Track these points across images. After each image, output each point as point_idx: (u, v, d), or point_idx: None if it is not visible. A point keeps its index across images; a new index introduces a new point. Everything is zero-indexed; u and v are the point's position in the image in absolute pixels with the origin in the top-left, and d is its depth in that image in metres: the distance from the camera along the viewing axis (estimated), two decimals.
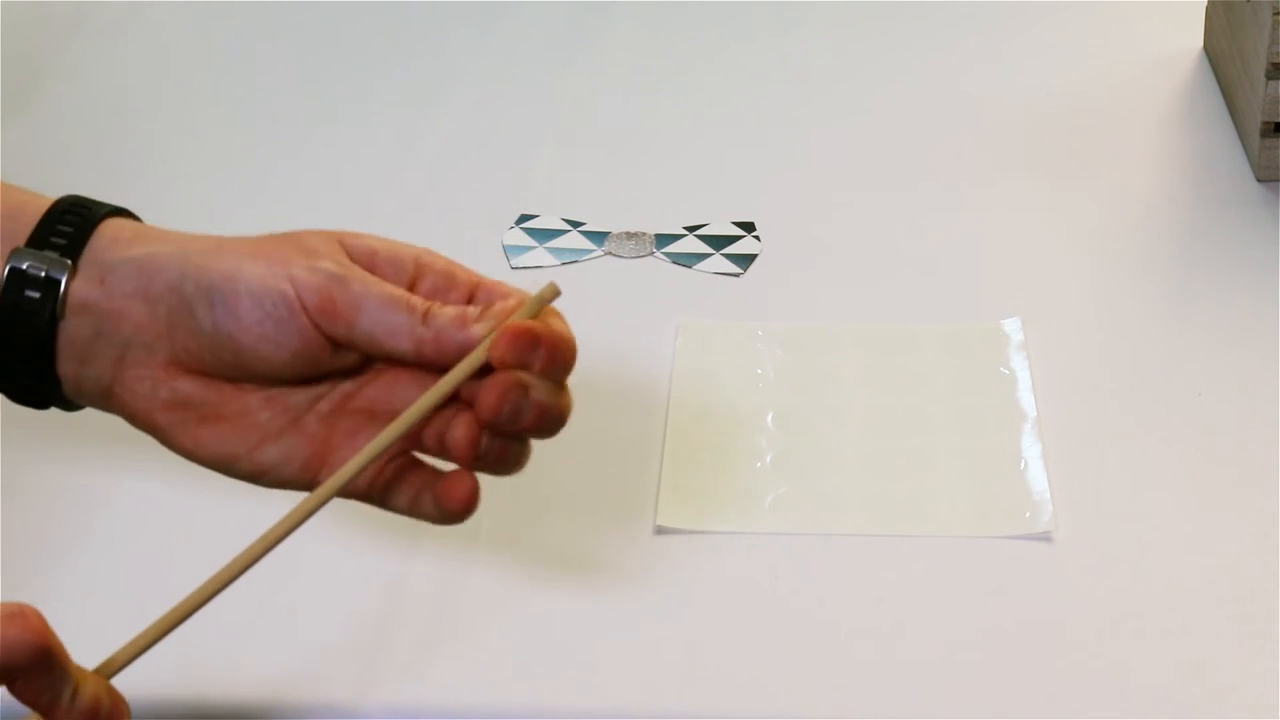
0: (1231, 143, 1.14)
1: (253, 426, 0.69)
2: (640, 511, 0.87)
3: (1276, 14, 1.05)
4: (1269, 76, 1.07)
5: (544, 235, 1.07)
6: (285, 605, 0.83)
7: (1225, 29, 1.18)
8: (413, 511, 0.69)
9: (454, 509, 0.68)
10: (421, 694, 0.78)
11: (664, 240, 1.07)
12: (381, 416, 0.68)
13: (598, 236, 1.08)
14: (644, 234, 1.08)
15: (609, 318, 1.00)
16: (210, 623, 0.82)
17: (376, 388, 0.70)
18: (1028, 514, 0.86)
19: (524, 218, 1.09)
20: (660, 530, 0.86)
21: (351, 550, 0.86)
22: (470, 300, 0.68)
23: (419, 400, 0.66)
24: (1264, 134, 1.09)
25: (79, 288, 0.68)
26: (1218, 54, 1.21)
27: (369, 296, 0.66)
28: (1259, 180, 1.10)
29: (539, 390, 0.66)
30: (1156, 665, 0.78)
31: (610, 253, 1.06)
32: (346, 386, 0.70)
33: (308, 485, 0.69)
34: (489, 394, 0.65)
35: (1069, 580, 0.83)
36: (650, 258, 1.06)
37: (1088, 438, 0.91)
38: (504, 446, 0.67)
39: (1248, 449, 0.89)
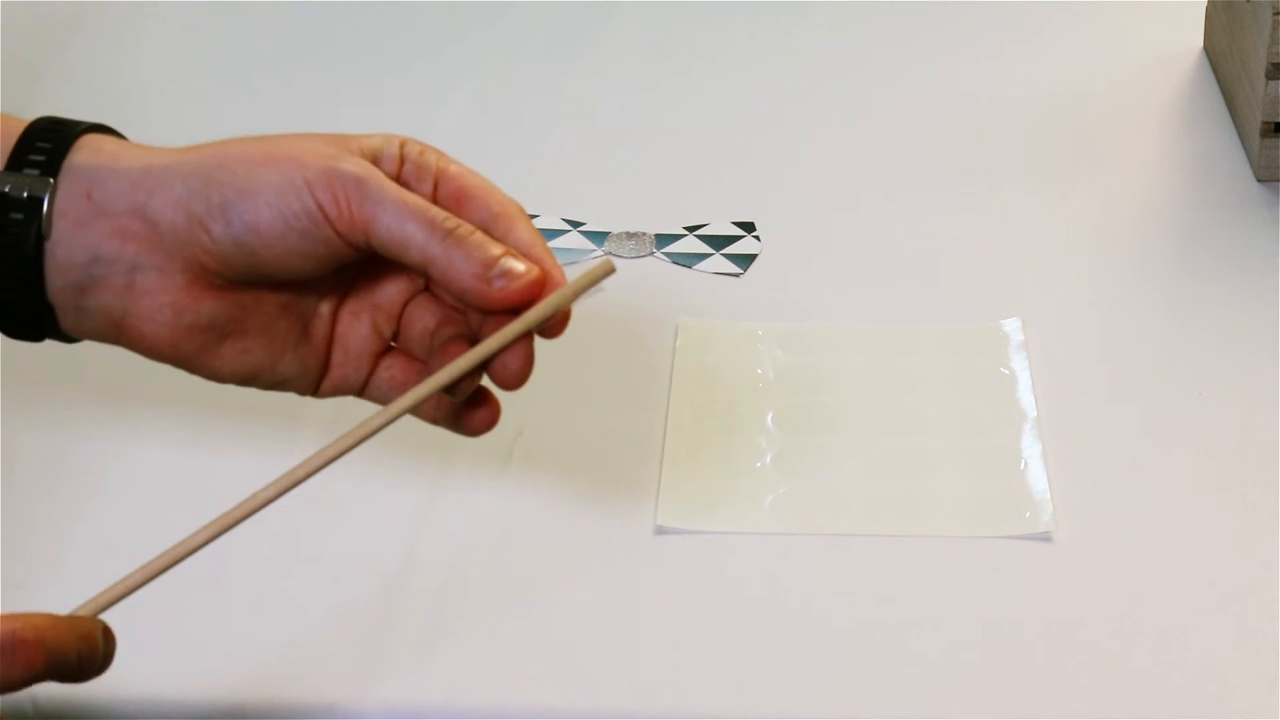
0: (1231, 143, 1.14)
1: (275, 338, 0.68)
2: (640, 511, 0.87)
3: (1276, 14, 1.05)
4: (1269, 76, 1.07)
5: (544, 235, 1.07)
6: (285, 605, 0.83)
7: (1225, 29, 1.18)
8: (434, 422, 0.70)
9: (477, 429, 0.69)
10: (421, 694, 0.78)
11: (664, 240, 1.07)
12: (363, 314, 0.69)
13: (598, 236, 1.08)
14: (644, 234, 1.08)
15: (609, 318, 1.00)
16: (211, 622, 0.82)
17: (363, 283, 0.70)
18: (1028, 514, 0.86)
19: None
20: (660, 530, 0.86)
21: (351, 549, 0.86)
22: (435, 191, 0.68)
23: (457, 360, 0.66)
24: (1264, 134, 1.09)
25: (63, 204, 0.65)
26: (1218, 54, 1.21)
27: (386, 202, 0.65)
28: (1259, 180, 1.10)
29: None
30: (1156, 665, 0.78)
31: (610, 253, 1.06)
32: (341, 286, 0.70)
33: (315, 390, 0.70)
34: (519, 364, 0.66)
35: (1069, 580, 0.83)
36: (650, 258, 1.06)
37: (1088, 438, 0.91)
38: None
39: (1248, 449, 0.89)
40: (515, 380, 0.66)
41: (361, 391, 0.70)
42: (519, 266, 0.65)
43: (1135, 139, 1.17)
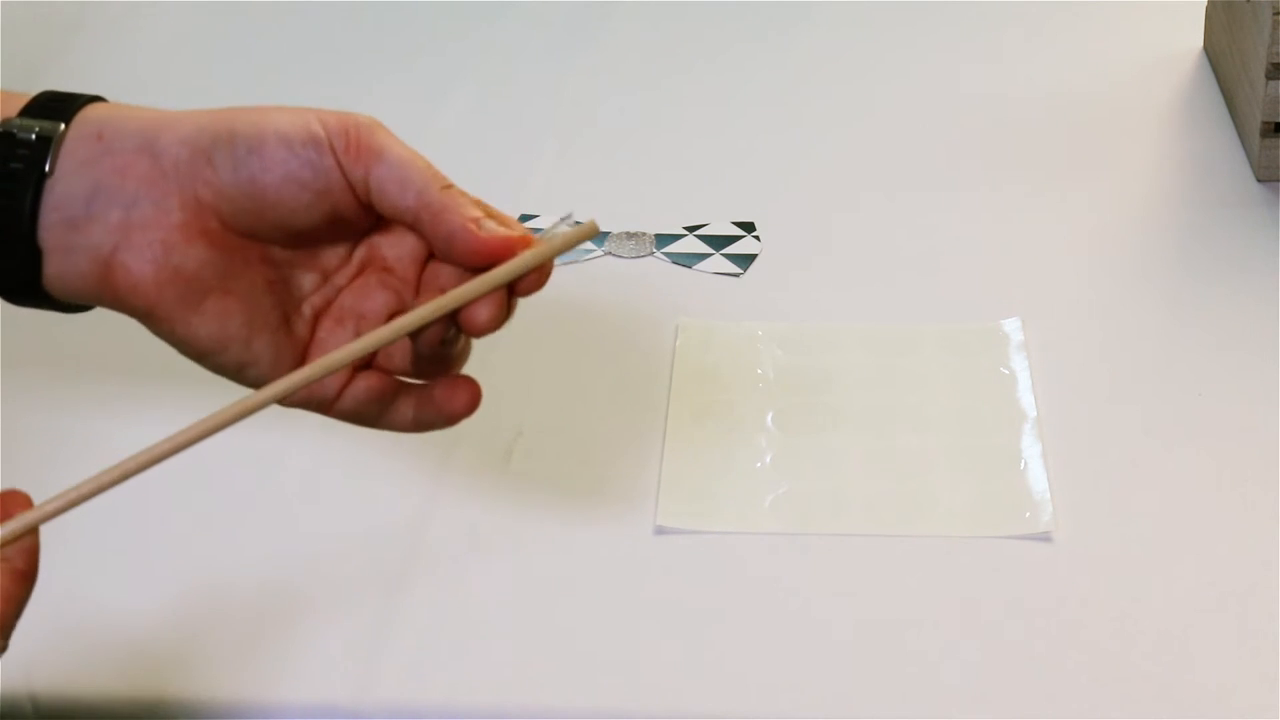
0: (1231, 143, 1.14)
1: (256, 311, 0.67)
2: (640, 511, 0.87)
3: (1276, 14, 1.05)
4: (1269, 76, 1.07)
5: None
6: (285, 604, 0.83)
7: (1225, 29, 1.18)
8: (419, 425, 0.69)
9: (458, 412, 0.68)
10: (421, 694, 0.78)
11: (664, 240, 1.07)
12: (348, 321, 0.68)
13: (598, 236, 1.08)
14: (644, 234, 1.08)
15: (609, 318, 1.00)
16: (210, 622, 0.82)
17: (351, 291, 0.69)
18: (1028, 514, 0.86)
19: (524, 218, 1.09)
20: (660, 530, 0.86)
21: (350, 548, 0.86)
22: None
23: (429, 303, 0.65)
24: (1264, 134, 1.09)
25: (73, 144, 0.66)
26: (1218, 54, 1.21)
27: (392, 147, 0.66)
28: (1259, 180, 1.10)
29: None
30: (1156, 665, 0.78)
31: (610, 253, 1.06)
32: (327, 290, 0.69)
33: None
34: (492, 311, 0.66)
35: (1069, 580, 0.83)
36: (650, 258, 1.06)
37: (1088, 438, 0.91)
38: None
39: (1248, 449, 0.89)
40: (483, 326, 0.66)
41: (332, 406, 0.68)
42: (501, 228, 0.66)
43: (1135, 139, 1.17)
